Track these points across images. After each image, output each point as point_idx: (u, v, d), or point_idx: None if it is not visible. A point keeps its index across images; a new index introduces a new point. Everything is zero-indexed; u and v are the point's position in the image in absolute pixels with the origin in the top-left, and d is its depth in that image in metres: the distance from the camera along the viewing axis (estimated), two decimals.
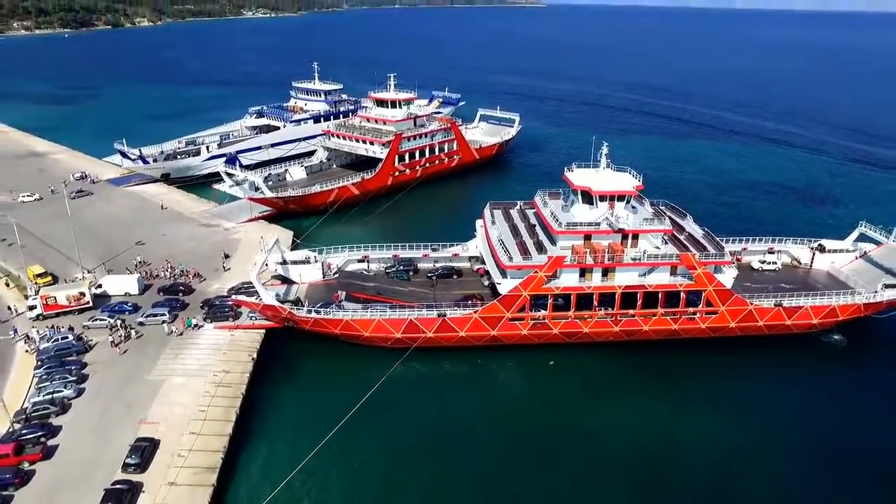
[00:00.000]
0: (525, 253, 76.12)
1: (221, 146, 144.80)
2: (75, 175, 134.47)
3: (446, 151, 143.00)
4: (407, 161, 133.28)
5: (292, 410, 66.40)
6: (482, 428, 64.54)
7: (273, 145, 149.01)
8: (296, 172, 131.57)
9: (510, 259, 74.72)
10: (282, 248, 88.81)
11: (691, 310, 76.19)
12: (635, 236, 76.28)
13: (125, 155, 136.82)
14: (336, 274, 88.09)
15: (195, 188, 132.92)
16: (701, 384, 73.57)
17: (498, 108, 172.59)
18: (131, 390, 65.43)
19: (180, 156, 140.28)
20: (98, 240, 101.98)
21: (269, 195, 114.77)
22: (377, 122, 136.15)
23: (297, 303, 78.82)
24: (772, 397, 70.19)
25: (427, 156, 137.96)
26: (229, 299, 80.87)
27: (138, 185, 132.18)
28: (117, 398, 64.23)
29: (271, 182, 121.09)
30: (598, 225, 75.89)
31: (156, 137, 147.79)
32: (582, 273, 74.80)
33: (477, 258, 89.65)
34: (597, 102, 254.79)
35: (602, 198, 76.91)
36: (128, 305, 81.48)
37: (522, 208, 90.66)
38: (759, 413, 67.32)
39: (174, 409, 62.59)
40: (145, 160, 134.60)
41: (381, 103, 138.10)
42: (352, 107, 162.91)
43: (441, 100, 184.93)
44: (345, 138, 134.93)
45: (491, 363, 75.68)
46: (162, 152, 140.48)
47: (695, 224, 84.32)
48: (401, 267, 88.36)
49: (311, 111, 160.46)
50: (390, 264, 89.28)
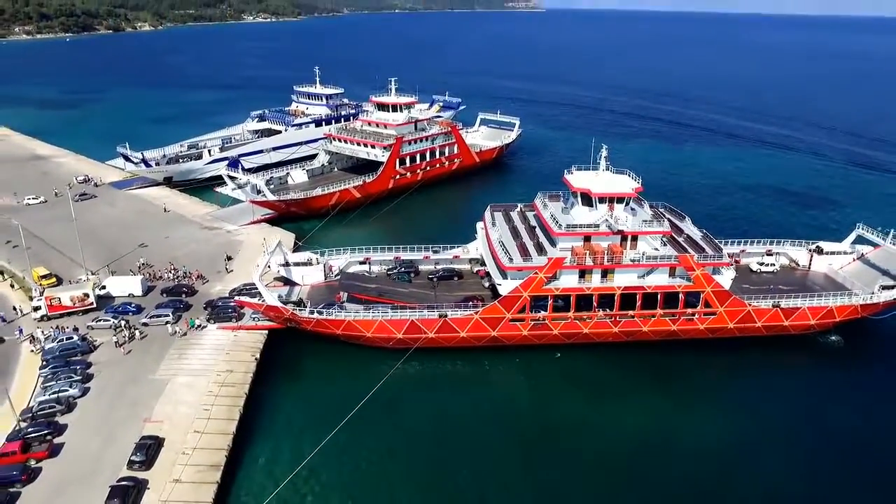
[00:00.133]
0: (525, 254, 76.84)
1: (223, 150, 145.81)
2: (78, 178, 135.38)
3: (447, 155, 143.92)
4: (408, 164, 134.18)
5: (295, 409, 67.04)
6: (483, 427, 65.08)
7: (275, 149, 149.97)
8: (297, 176, 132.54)
9: (510, 260, 75.46)
10: (284, 250, 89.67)
11: (690, 311, 76.89)
12: (634, 238, 77.00)
13: (128, 158, 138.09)
14: (338, 275, 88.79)
15: (197, 191, 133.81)
16: (700, 384, 74.24)
17: (498, 112, 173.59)
18: (136, 389, 66.10)
19: (182, 159, 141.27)
20: (101, 242, 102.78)
21: (271, 198, 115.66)
22: (378, 126, 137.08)
23: (300, 304, 79.51)
24: (770, 397, 70.77)
25: (428, 159, 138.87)
26: (232, 300, 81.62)
27: (141, 189, 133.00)
28: (122, 397, 64.91)
29: (273, 185, 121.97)
30: (598, 226, 76.57)
31: (158, 141, 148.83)
32: (581, 274, 75.52)
33: (477, 260, 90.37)
34: (596, 106, 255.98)
35: (601, 200, 77.69)
36: (131, 306, 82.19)
37: (523, 210, 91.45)
38: (757, 413, 67.88)
39: (178, 408, 63.25)
40: (148, 163, 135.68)
41: (383, 107, 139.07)
42: (353, 111, 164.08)
43: (441, 104, 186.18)
44: (346, 142, 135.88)
45: (491, 364, 76.32)
46: (164, 156, 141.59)
47: (693, 226, 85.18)
48: (402, 269, 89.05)
49: (313, 115, 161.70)
50: (392, 266, 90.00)
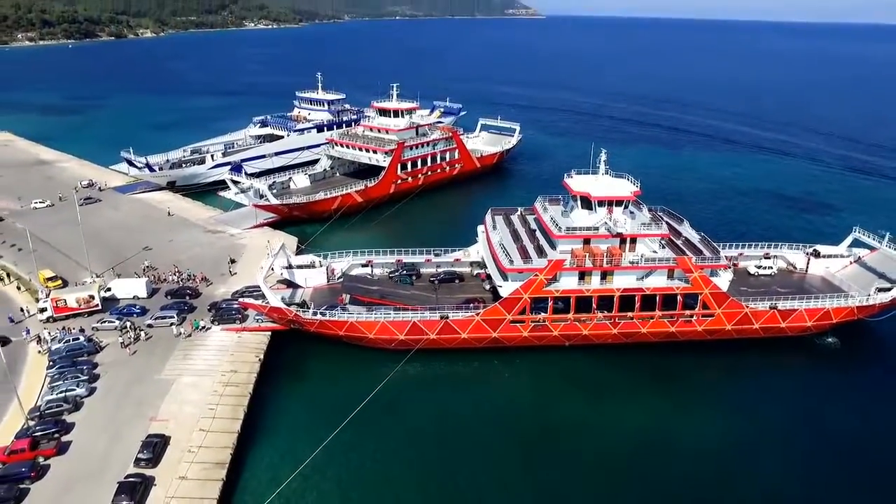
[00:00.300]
0: (526, 256, 77.83)
1: (226, 155, 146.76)
2: (83, 183, 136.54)
3: (448, 160, 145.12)
4: (409, 169, 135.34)
5: (298, 409, 67.95)
6: (483, 428, 65.88)
7: (277, 154, 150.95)
8: (300, 180, 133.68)
9: (511, 262, 76.46)
10: (287, 253, 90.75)
11: (688, 312, 77.93)
12: (633, 240, 78.08)
13: (132, 163, 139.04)
14: (340, 278, 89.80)
15: (200, 196, 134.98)
16: (698, 385, 75.30)
17: (499, 118, 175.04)
18: (141, 389, 67.05)
19: (185, 164, 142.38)
20: (106, 245, 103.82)
21: (274, 202, 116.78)
22: (380, 131, 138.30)
23: (303, 305, 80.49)
24: (767, 398, 71.69)
25: (429, 164, 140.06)
26: (236, 302, 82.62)
27: (144, 193, 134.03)
28: (128, 397, 65.84)
29: (275, 190, 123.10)
30: (597, 229, 77.64)
31: (161, 147, 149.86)
32: (581, 276, 76.54)
33: (478, 263, 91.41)
34: (595, 112, 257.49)
35: (601, 203, 78.79)
36: (136, 308, 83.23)
37: (523, 214, 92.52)
38: (755, 413, 68.77)
39: (184, 408, 64.16)
40: (151, 168, 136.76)
41: (384, 113, 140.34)
42: (354, 116, 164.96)
43: (442, 110, 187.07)
44: (348, 147, 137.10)
45: (492, 365, 77.21)
46: (168, 161, 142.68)
47: (691, 229, 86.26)
48: (404, 271, 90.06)
49: (315, 120, 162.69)
50: (393, 269, 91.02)
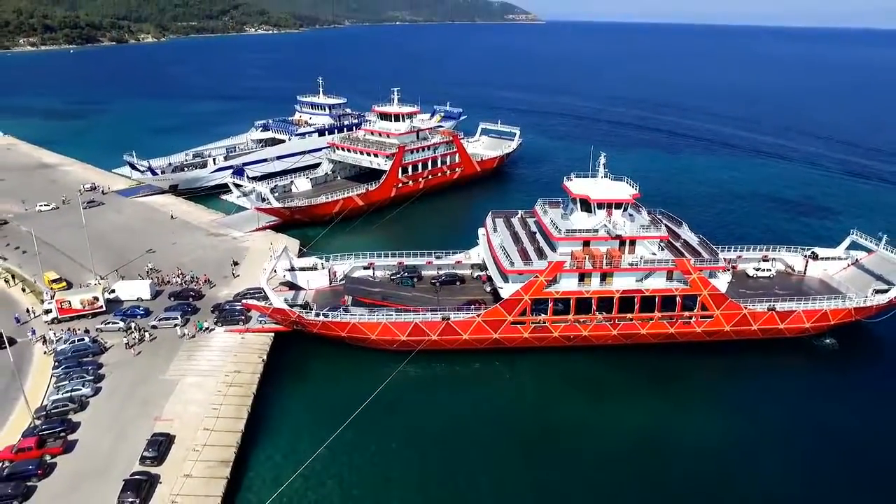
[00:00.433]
0: (526, 258, 78.60)
1: (228, 159, 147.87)
2: (85, 186, 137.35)
3: (448, 164, 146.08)
4: (410, 173, 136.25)
5: (301, 409, 68.65)
6: (484, 428, 66.53)
7: (278, 158, 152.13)
8: (301, 184, 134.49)
9: (512, 264, 77.26)
10: (290, 255, 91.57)
11: (687, 314, 78.70)
12: (632, 242, 78.90)
13: (134, 167, 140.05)
14: (342, 280, 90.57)
15: (203, 199, 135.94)
16: (697, 386, 76.12)
17: (499, 122, 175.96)
18: (146, 389, 67.77)
19: (188, 168, 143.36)
20: (110, 248, 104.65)
21: (276, 205, 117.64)
22: (381, 135, 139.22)
23: (305, 307, 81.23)
24: (766, 398, 72.41)
25: (430, 168, 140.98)
26: (239, 304, 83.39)
27: (147, 196, 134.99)
28: (133, 396, 66.54)
29: (277, 193, 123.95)
30: (597, 231, 78.49)
31: (162, 151, 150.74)
32: (581, 278, 77.30)
33: (479, 265, 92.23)
34: (595, 117, 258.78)
35: (600, 205, 79.64)
36: (140, 310, 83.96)
37: (523, 217, 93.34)
38: (754, 414, 69.48)
39: (188, 407, 64.87)
40: (154, 172, 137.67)
41: (385, 117, 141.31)
42: (355, 120, 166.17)
43: (443, 114, 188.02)
44: (349, 150, 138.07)
45: (493, 365, 77.91)
46: (170, 164, 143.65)
47: (690, 231, 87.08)
48: (405, 274, 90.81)
49: (316, 125, 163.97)
50: (395, 271, 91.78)
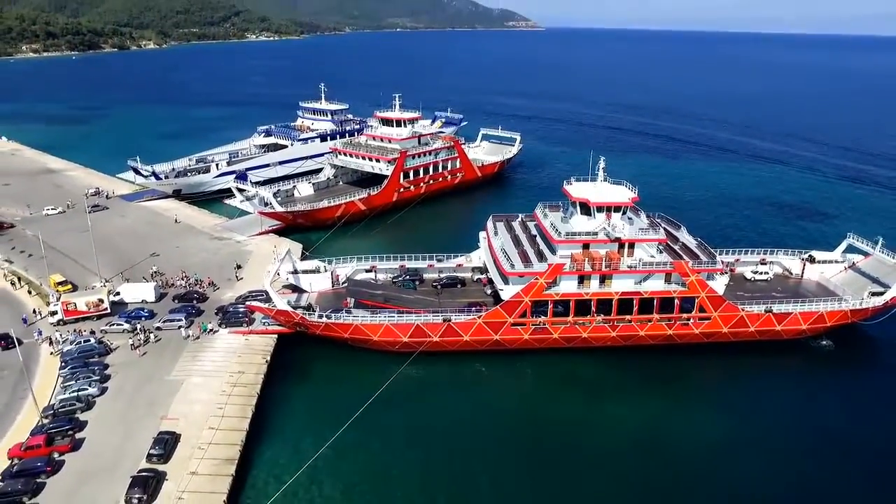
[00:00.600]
0: (526, 261, 79.67)
1: (231, 164, 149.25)
2: (90, 191, 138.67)
3: (450, 169, 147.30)
4: (411, 178, 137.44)
5: (305, 409, 69.54)
6: (484, 428, 67.35)
7: (281, 163, 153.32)
8: (303, 189, 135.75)
9: (512, 266, 78.35)
10: (293, 258, 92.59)
11: (685, 315, 79.64)
12: (631, 245, 79.96)
13: (138, 172, 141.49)
14: (345, 283, 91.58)
15: (206, 203, 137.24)
16: (696, 388, 77.09)
17: (500, 128, 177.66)
18: (152, 389, 68.77)
19: (191, 173, 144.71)
20: (114, 251, 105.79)
21: (279, 209, 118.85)
22: (383, 141, 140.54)
23: (308, 309, 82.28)
24: (763, 399, 73.30)
25: (431, 173, 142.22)
26: (243, 306, 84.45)
27: (151, 201, 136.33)
28: (139, 396, 67.54)
29: (280, 198, 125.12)
30: (596, 234, 79.62)
31: (166, 156, 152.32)
32: (580, 280, 78.34)
33: (480, 269, 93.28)
34: (595, 123, 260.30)
35: (599, 209, 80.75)
36: (144, 312, 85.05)
37: (524, 220, 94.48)
38: (752, 414, 70.30)
39: (193, 407, 65.82)
40: (158, 177, 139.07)
41: (387, 122, 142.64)
42: (357, 126, 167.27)
43: (444, 120, 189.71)
44: (351, 156, 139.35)
45: (493, 367, 78.76)
46: (173, 169, 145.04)
47: (688, 235, 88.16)
48: (407, 277, 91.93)
49: (318, 130, 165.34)
50: (397, 274, 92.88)
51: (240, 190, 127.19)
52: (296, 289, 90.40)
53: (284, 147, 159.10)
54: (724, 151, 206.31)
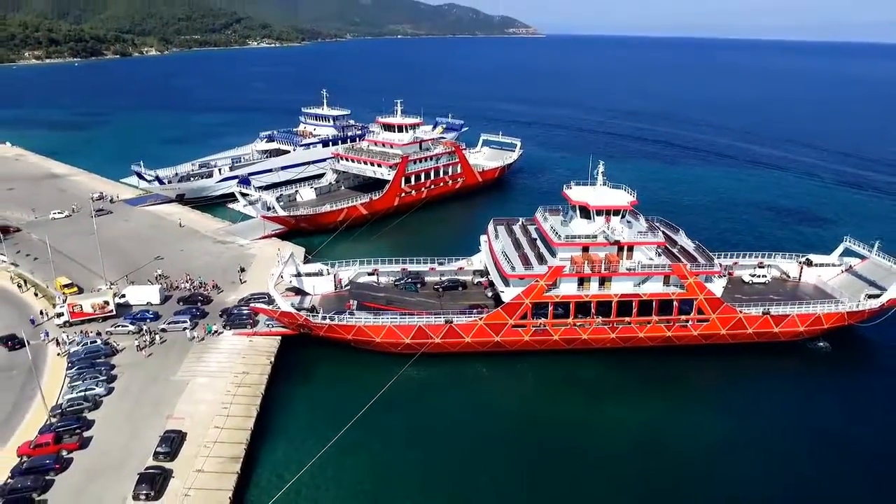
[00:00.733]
0: (527, 263, 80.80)
1: (233, 169, 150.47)
2: (94, 195, 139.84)
3: (451, 174, 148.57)
4: (413, 183, 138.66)
5: (308, 409, 70.49)
6: (485, 428, 68.25)
7: (283, 168, 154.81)
8: (306, 193, 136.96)
9: (513, 269, 79.48)
10: (296, 261, 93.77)
11: (684, 317, 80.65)
12: (630, 248, 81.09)
13: (142, 176, 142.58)
14: (347, 286, 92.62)
15: (209, 208, 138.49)
16: (694, 388, 78.16)
17: (500, 134, 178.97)
18: (158, 389, 69.75)
19: (194, 178, 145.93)
20: (119, 254, 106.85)
21: (282, 214, 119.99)
22: (384, 146, 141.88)
23: (312, 311, 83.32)
24: (761, 399, 74.27)
25: (432, 178, 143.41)
26: (247, 308, 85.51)
27: (154, 205, 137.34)
28: (145, 396, 68.50)
29: (282, 202, 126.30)
30: (596, 237, 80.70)
31: (168, 161, 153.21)
32: (580, 282, 79.42)
33: (481, 272, 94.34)
34: (595, 129, 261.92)
35: (599, 212, 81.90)
36: (149, 314, 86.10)
37: (524, 224, 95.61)
38: (749, 414, 71.27)
39: (199, 406, 66.79)
40: (161, 181, 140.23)
41: (389, 128, 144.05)
42: (359, 132, 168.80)
43: (444, 126, 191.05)
44: (353, 161, 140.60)
45: (494, 368, 79.78)
46: (176, 174, 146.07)
47: (687, 238, 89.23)
48: (409, 280, 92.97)
49: (320, 136, 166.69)
50: (399, 277, 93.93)
51: (243, 194, 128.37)
52: (299, 291, 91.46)
53: (287, 152, 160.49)
54: (723, 157, 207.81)
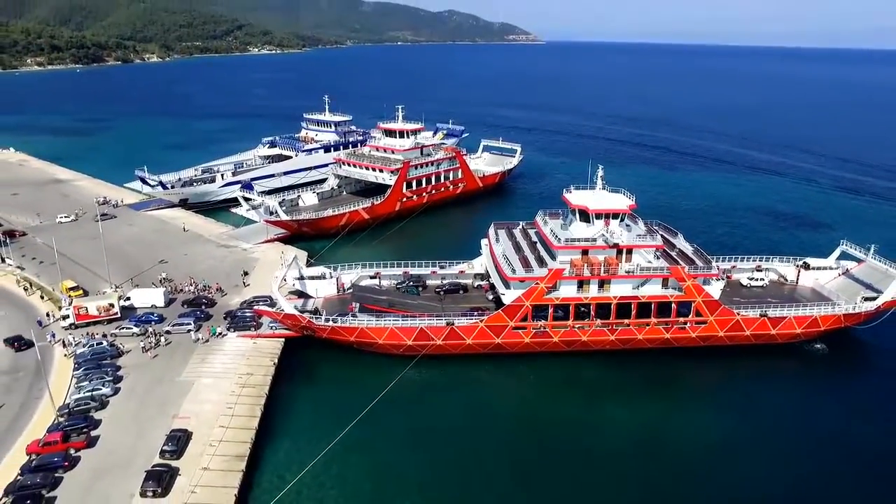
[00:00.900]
0: (527, 266, 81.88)
1: (236, 174, 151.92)
2: (98, 200, 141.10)
3: (451, 179, 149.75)
4: (414, 188, 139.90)
5: (311, 409, 71.37)
6: (486, 428, 69.01)
7: (285, 173, 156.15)
8: (308, 198, 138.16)
9: (513, 271, 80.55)
10: (299, 265, 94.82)
11: (682, 319, 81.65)
12: (629, 251, 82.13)
13: (145, 181, 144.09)
14: (350, 289, 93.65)
15: (212, 212, 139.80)
16: (693, 389, 78.96)
17: (501, 140, 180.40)
18: (163, 390, 70.72)
19: (197, 183, 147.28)
20: (124, 258, 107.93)
21: (285, 218, 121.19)
22: (386, 151, 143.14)
23: (315, 313, 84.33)
24: (759, 400, 75.12)
25: (433, 183, 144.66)
26: (250, 310, 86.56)
27: (158, 210, 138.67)
28: (150, 396, 69.47)
29: (285, 207, 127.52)
30: (595, 240, 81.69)
31: (171, 167, 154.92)
32: (580, 285, 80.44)
33: (481, 275, 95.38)
34: (594, 135, 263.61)
35: (598, 216, 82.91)
36: (154, 316, 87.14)
37: (524, 228, 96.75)
38: (747, 414, 72.11)
39: (204, 406, 67.73)
40: (165, 186, 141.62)
41: (390, 133, 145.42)
42: (360, 138, 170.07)
43: (445, 132, 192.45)
44: (355, 166, 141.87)
45: (494, 370, 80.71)
46: (180, 179, 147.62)
47: (685, 241, 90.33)
48: (410, 283, 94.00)
49: (322, 141, 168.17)
50: (401, 280, 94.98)
51: (246, 199, 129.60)
52: (302, 294, 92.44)
53: (289, 158, 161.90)
54: (722, 162, 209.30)
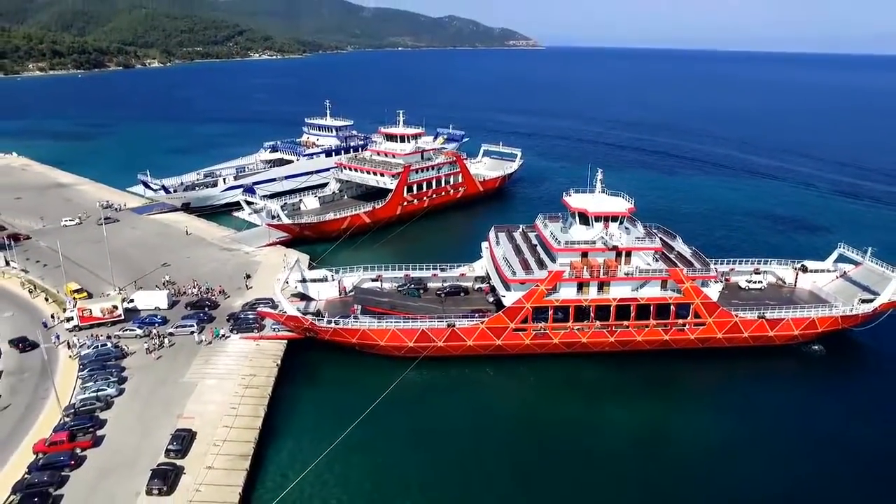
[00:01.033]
0: (527, 268, 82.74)
1: (238, 178, 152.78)
2: (101, 204, 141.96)
3: (452, 183, 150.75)
4: (415, 192, 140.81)
5: (314, 410, 72.09)
6: (486, 429, 69.66)
7: (287, 177, 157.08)
8: (309, 202, 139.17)
9: (514, 273, 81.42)
10: (301, 268, 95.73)
11: (681, 321, 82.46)
12: (628, 254, 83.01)
13: (148, 185, 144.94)
14: (351, 292, 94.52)
15: (214, 216, 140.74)
16: (692, 390, 79.79)
17: (500, 144, 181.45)
18: (167, 390, 71.48)
19: (199, 187, 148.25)
20: (127, 261, 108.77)
21: (287, 222, 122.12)
22: (387, 156, 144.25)
23: (317, 315, 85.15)
24: (757, 401, 75.92)
25: (434, 187, 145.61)
26: (253, 312, 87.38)
27: (160, 214, 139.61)
28: (155, 397, 70.22)
29: (286, 211, 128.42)
30: (594, 243, 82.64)
31: (173, 171, 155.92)
32: (579, 287, 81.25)
33: (482, 278, 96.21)
34: (594, 139, 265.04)
35: (597, 218, 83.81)
36: (157, 318, 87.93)
37: (524, 231, 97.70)
38: (745, 415, 72.85)
39: (208, 407, 68.49)
40: (167, 190, 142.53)
41: (391, 138, 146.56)
42: (361, 142, 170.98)
43: (446, 136, 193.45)
44: (356, 170, 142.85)
45: (495, 371, 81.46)
46: (182, 183, 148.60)
47: (683, 244, 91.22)
48: (412, 285, 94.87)
49: (323, 146, 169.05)
50: (402, 283, 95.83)
51: (248, 203, 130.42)
52: (304, 297, 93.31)
53: (290, 162, 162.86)
54: (720, 167, 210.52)
